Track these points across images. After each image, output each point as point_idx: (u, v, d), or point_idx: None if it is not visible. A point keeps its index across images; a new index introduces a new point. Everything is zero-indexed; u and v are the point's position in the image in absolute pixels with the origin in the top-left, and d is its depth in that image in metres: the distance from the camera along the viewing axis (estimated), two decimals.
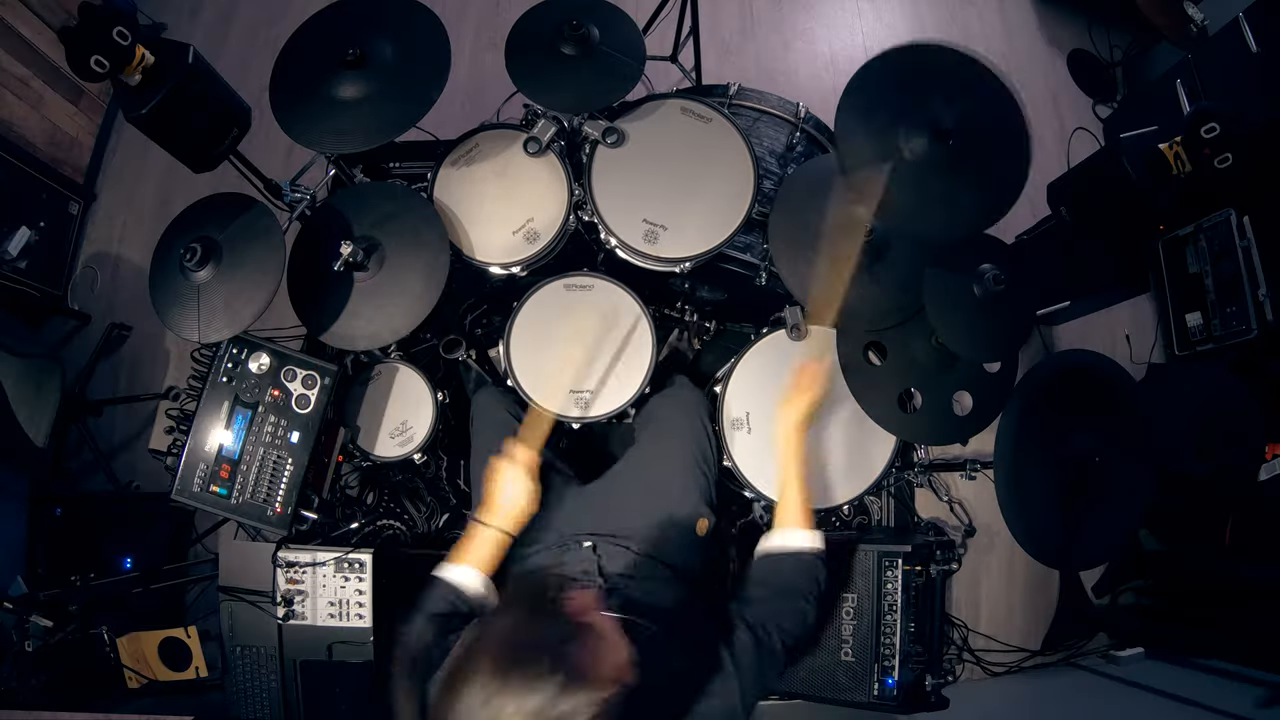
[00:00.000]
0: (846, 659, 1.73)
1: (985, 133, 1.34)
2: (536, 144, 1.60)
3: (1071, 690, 2.20)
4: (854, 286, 1.47)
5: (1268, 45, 2.13)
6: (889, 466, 1.66)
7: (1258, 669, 1.99)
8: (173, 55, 1.42)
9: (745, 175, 1.60)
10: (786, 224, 1.55)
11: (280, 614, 1.64)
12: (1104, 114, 2.89)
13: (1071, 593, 2.38)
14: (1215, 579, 2.21)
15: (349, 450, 1.75)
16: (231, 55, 2.79)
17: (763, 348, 1.70)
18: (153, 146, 1.50)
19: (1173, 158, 1.44)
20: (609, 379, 1.63)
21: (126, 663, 1.80)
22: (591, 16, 1.56)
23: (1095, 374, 1.67)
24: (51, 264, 2.42)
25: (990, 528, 2.35)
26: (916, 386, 1.59)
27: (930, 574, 1.81)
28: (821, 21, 3.00)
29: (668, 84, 2.46)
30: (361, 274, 1.51)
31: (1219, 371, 2.11)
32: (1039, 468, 1.64)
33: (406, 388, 1.77)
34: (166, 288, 1.47)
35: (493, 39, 2.83)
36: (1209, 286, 2.33)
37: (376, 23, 1.54)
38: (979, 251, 1.53)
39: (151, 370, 2.47)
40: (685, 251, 1.57)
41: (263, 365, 1.60)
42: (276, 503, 1.57)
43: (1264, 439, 1.95)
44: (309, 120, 1.49)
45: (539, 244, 1.62)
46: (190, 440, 1.56)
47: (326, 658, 1.66)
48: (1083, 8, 3.03)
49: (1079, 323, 2.60)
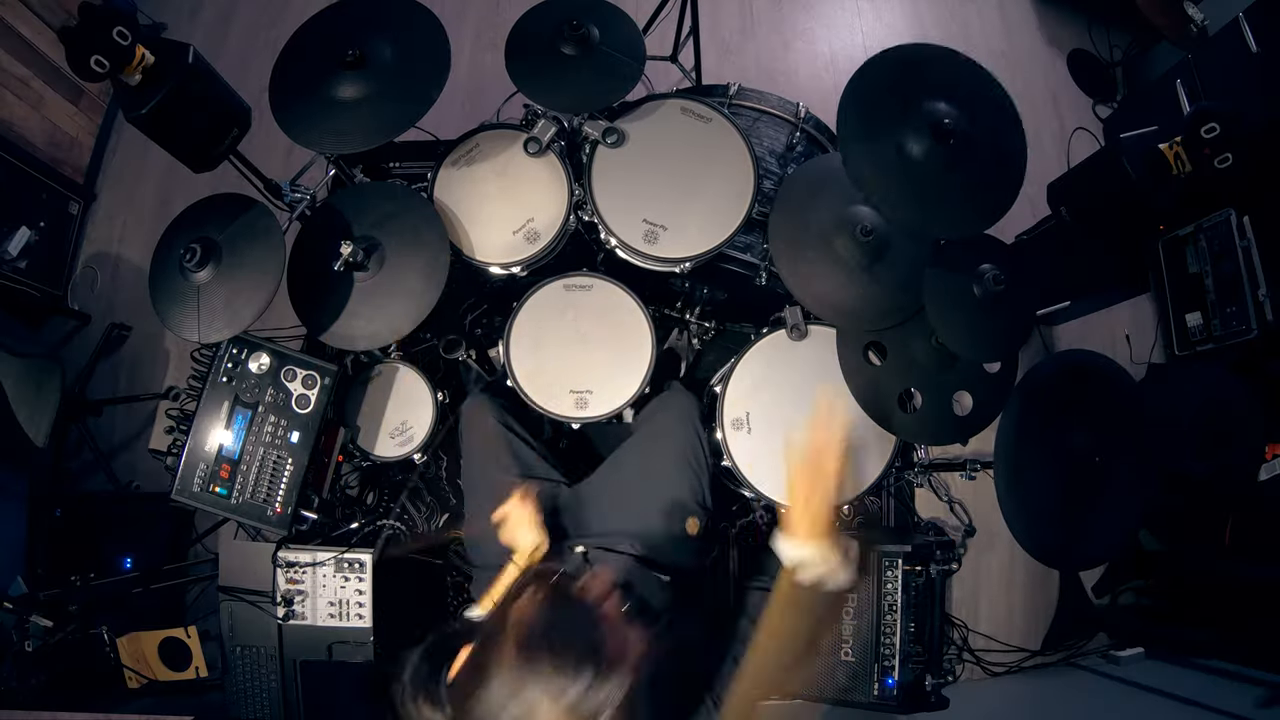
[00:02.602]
0: (846, 659, 1.73)
1: (984, 133, 1.35)
2: (536, 144, 1.60)
3: (1071, 690, 2.20)
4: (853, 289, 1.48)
5: (1268, 45, 2.13)
6: (889, 466, 1.66)
7: (1258, 669, 1.99)
8: (173, 55, 1.42)
9: (745, 175, 1.60)
10: (786, 224, 1.55)
11: (280, 614, 1.64)
12: (1104, 114, 2.89)
13: (1071, 593, 2.38)
14: (1215, 579, 2.21)
15: (349, 450, 1.75)
16: (231, 55, 2.79)
17: (763, 348, 1.70)
18: (153, 146, 1.50)
19: (1173, 158, 1.44)
20: (608, 379, 1.63)
21: (126, 663, 1.80)
22: (591, 16, 1.56)
23: (1095, 374, 1.67)
24: (51, 264, 2.42)
25: (990, 528, 2.35)
26: (916, 386, 1.59)
27: (930, 574, 1.81)
28: (821, 21, 3.00)
29: (668, 84, 2.46)
30: (361, 274, 1.51)
31: (1219, 371, 2.11)
32: (1039, 468, 1.64)
33: (406, 388, 1.77)
34: (166, 288, 1.47)
35: (493, 39, 2.82)
36: (1209, 286, 2.33)
37: (376, 23, 1.54)
38: (979, 251, 1.53)
39: (151, 370, 2.47)
40: (685, 251, 1.57)
41: (263, 365, 1.60)
42: (276, 503, 1.57)
43: (1264, 439, 1.94)
44: (309, 120, 1.49)
45: (539, 244, 1.62)
46: (190, 440, 1.57)
47: (326, 658, 1.66)
48: (1083, 8, 3.03)
49: (1079, 323, 2.60)
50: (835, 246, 1.51)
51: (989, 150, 1.36)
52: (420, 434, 1.74)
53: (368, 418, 1.76)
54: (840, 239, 1.50)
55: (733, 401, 1.66)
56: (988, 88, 1.39)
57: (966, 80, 1.39)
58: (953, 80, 1.38)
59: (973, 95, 1.37)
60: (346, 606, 1.65)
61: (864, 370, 1.59)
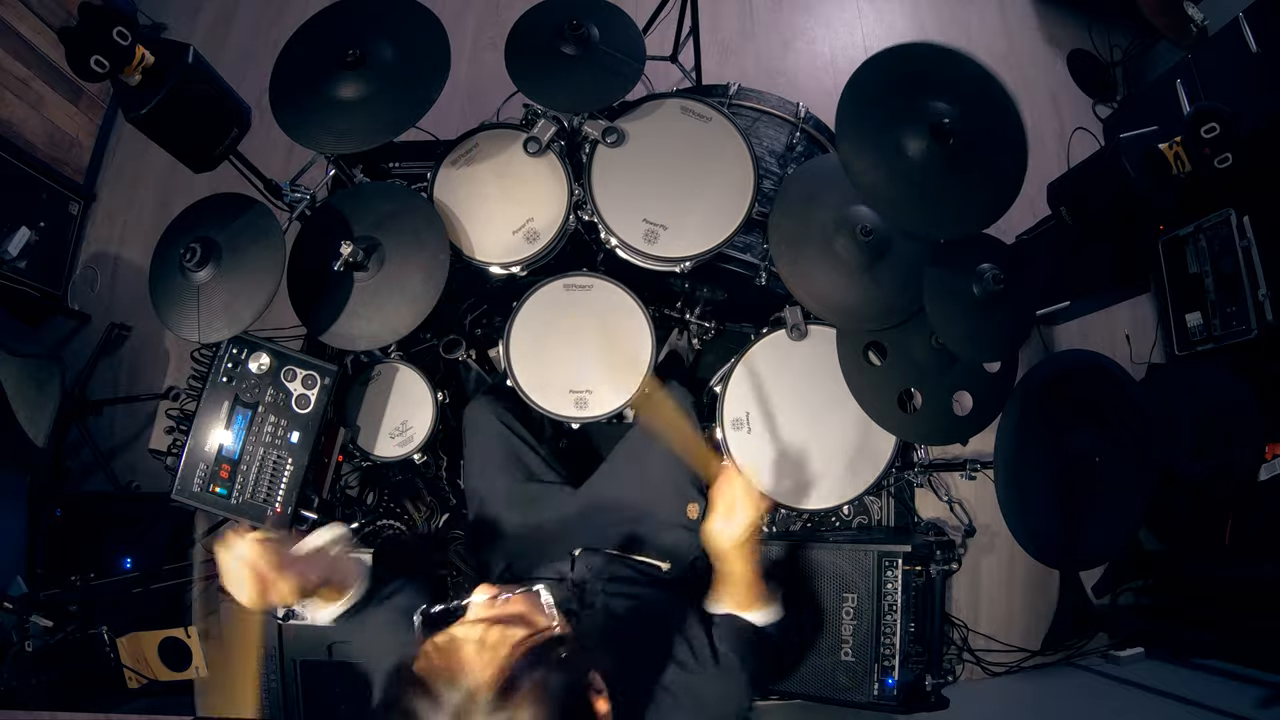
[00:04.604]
0: (846, 659, 1.73)
1: (984, 133, 1.35)
2: (536, 144, 1.60)
3: (1071, 690, 2.20)
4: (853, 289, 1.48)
5: (1268, 45, 2.13)
6: (889, 466, 1.66)
7: (1258, 669, 1.99)
8: (173, 55, 1.42)
9: (745, 175, 1.60)
10: (786, 224, 1.55)
11: (280, 614, 1.64)
12: (1104, 114, 2.89)
13: (1071, 593, 2.38)
14: (1215, 579, 2.21)
15: (349, 450, 1.75)
16: (231, 55, 2.79)
17: (763, 348, 1.70)
18: (153, 146, 1.50)
19: (1173, 158, 1.44)
20: (608, 379, 1.63)
21: (126, 663, 1.80)
22: (591, 16, 1.56)
23: (1095, 374, 1.67)
24: (51, 264, 2.42)
25: (990, 528, 2.35)
26: (916, 386, 1.59)
27: (930, 574, 1.81)
28: (821, 21, 3.00)
29: (668, 84, 2.46)
30: (361, 274, 1.51)
31: (1219, 371, 2.11)
32: (1039, 468, 1.64)
33: (406, 388, 1.77)
34: (166, 288, 1.47)
35: (493, 39, 2.83)
36: (1209, 286, 2.33)
37: (376, 23, 1.54)
38: (979, 251, 1.53)
39: (151, 370, 2.47)
40: (685, 251, 1.57)
41: (263, 365, 1.60)
42: (276, 503, 1.57)
43: (1264, 439, 1.95)
44: (309, 120, 1.49)
45: (539, 244, 1.62)
46: (190, 440, 1.56)
47: (326, 658, 1.66)
48: (1083, 8, 3.03)
49: (1079, 323, 2.60)
50: (835, 246, 1.51)
51: (989, 150, 1.36)
52: (420, 434, 1.74)
53: (368, 418, 1.76)
54: (840, 239, 1.50)
55: (733, 401, 1.66)
56: (988, 87, 1.39)
57: (966, 80, 1.39)
58: (953, 80, 1.38)
59: (973, 95, 1.37)
60: None
61: (864, 370, 1.59)
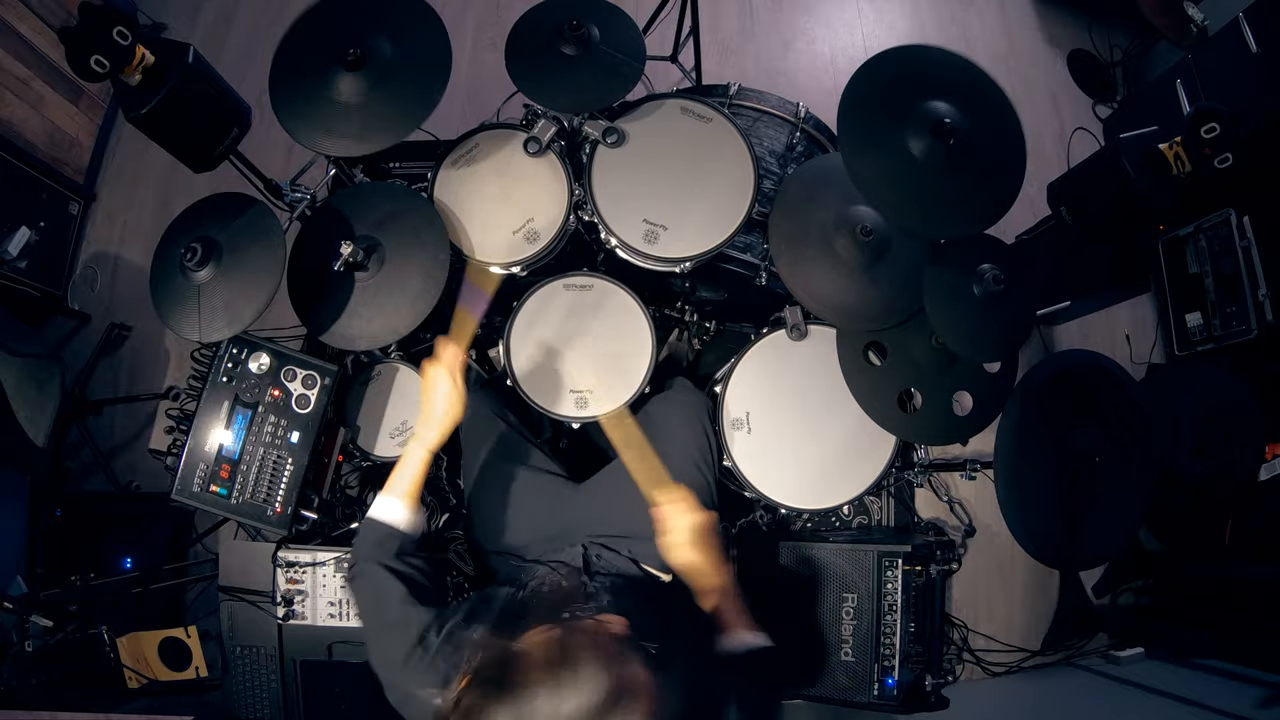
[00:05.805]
0: (846, 659, 1.73)
1: (984, 133, 1.35)
2: (536, 144, 1.60)
3: (1071, 690, 2.20)
4: (853, 289, 1.47)
5: (1268, 45, 2.13)
6: (889, 466, 1.66)
7: (1258, 669, 1.99)
8: (173, 55, 1.41)
9: (745, 175, 1.60)
10: (786, 224, 1.55)
11: (280, 614, 1.64)
12: (1104, 114, 2.89)
13: (1071, 593, 2.38)
14: (1215, 579, 2.21)
15: (349, 450, 1.75)
16: (231, 55, 2.79)
17: (763, 348, 1.70)
18: (153, 146, 1.50)
19: (1173, 158, 1.44)
20: (608, 379, 1.63)
21: (126, 663, 1.80)
22: (591, 16, 1.56)
23: (1095, 374, 1.68)
24: (51, 264, 2.42)
25: (990, 528, 2.35)
26: (916, 386, 1.59)
27: (930, 574, 1.81)
28: (821, 22, 3.00)
29: (668, 84, 2.46)
30: (361, 274, 1.51)
31: (1219, 371, 2.11)
32: (1039, 468, 1.64)
33: (406, 388, 1.77)
34: (167, 288, 1.47)
35: (493, 39, 2.82)
36: (1209, 286, 2.33)
37: (377, 23, 1.54)
38: (979, 251, 1.53)
39: (151, 370, 2.47)
40: (685, 251, 1.57)
41: (263, 365, 1.60)
42: (276, 503, 1.57)
43: (1264, 439, 1.95)
44: (309, 121, 1.49)
45: (539, 244, 1.62)
46: (190, 440, 1.56)
47: (326, 658, 1.66)
48: (1083, 8, 3.03)
49: (1079, 323, 2.60)
50: (835, 246, 1.51)
51: (989, 150, 1.36)
52: None
53: (368, 418, 1.76)
54: (840, 239, 1.50)
55: (733, 401, 1.66)
56: (987, 88, 1.39)
57: (966, 80, 1.39)
58: (953, 80, 1.38)
59: (973, 95, 1.37)
60: (347, 606, 1.65)
61: (864, 370, 1.59)
